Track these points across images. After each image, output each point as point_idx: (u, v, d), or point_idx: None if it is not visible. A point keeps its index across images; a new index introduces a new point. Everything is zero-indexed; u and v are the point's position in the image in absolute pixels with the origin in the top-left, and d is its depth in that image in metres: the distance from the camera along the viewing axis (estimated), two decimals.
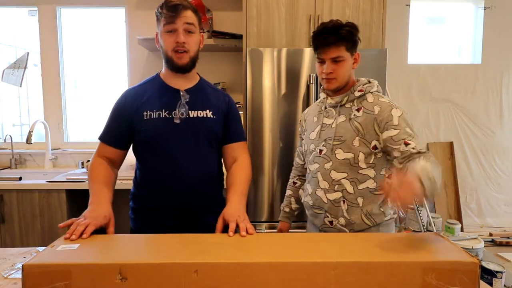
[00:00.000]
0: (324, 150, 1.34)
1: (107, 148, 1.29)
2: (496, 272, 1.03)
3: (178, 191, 1.25)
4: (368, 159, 1.28)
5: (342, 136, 1.30)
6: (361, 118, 1.28)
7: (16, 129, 3.15)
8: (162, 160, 1.25)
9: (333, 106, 1.36)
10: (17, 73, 2.92)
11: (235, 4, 2.76)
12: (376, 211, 1.31)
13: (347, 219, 1.31)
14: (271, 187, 2.23)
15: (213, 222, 1.28)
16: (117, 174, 1.32)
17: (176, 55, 1.23)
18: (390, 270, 0.79)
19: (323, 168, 1.34)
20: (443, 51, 3.40)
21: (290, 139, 2.20)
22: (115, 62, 2.99)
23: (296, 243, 0.92)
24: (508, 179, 3.42)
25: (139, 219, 1.32)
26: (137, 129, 1.25)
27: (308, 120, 1.48)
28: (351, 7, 2.29)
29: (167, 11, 1.19)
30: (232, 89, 2.87)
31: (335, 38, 1.24)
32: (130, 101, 1.27)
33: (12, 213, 2.24)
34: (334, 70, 1.28)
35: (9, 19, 2.98)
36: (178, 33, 1.20)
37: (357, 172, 1.29)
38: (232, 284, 0.78)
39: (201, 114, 1.28)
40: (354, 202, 1.30)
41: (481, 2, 3.23)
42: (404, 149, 1.20)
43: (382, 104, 1.27)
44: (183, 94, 1.28)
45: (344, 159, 1.30)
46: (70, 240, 0.93)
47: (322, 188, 1.34)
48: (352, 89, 1.32)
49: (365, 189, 1.30)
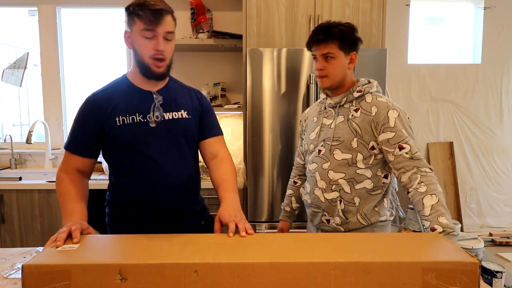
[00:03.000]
0: (322, 151, 1.35)
1: (74, 159, 1.20)
2: (496, 272, 1.03)
3: (161, 194, 1.21)
4: (367, 160, 1.29)
5: (340, 137, 1.31)
6: (359, 119, 1.29)
7: (16, 129, 3.15)
8: (142, 165, 1.19)
9: (332, 106, 1.37)
10: (17, 73, 2.92)
11: (235, 4, 2.76)
12: (372, 211, 1.32)
13: (342, 218, 1.33)
14: (271, 187, 2.23)
15: (196, 223, 1.30)
16: (87, 185, 1.24)
17: (155, 63, 1.15)
18: (390, 270, 0.79)
19: (321, 168, 1.35)
20: (443, 51, 3.40)
21: (290, 139, 2.20)
22: (115, 62, 2.99)
23: (296, 243, 0.92)
24: (508, 179, 3.42)
25: (118, 226, 1.27)
26: (110, 135, 1.18)
27: (308, 120, 1.49)
28: (351, 7, 2.29)
29: (150, 15, 1.10)
30: (232, 89, 2.87)
31: (326, 36, 1.27)
32: (99, 107, 1.18)
33: (12, 213, 2.24)
34: (325, 67, 1.30)
35: (9, 19, 2.98)
36: (158, 41, 1.12)
37: (355, 172, 1.30)
38: (232, 284, 0.78)
39: (176, 115, 1.23)
40: (350, 202, 1.32)
41: (481, 2, 3.23)
42: (398, 153, 1.22)
43: (379, 105, 1.28)
44: (156, 96, 1.22)
45: (342, 160, 1.31)
46: (56, 246, 0.89)
47: (320, 187, 1.36)
48: (351, 89, 1.33)
49: (362, 189, 1.31)
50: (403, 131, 1.24)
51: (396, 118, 1.25)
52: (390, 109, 1.26)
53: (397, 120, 1.24)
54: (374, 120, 1.27)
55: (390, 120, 1.25)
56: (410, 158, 1.20)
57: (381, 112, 1.26)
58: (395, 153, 1.23)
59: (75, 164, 1.21)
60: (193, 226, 1.31)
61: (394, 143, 1.23)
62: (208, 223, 1.35)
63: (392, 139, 1.24)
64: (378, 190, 1.32)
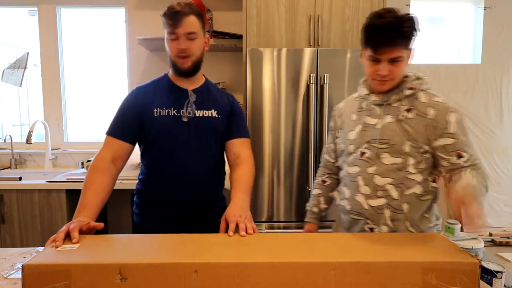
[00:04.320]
0: (367, 153, 1.22)
1: (114, 142, 1.27)
2: (496, 272, 1.03)
3: (184, 187, 1.29)
4: (418, 164, 1.18)
5: (390, 139, 1.18)
6: (414, 120, 1.16)
7: (16, 129, 3.15)
8: (170, 156, 1.29)
9: (378, 104, 1.22)
10: (17, 73, 2.92)
11: (235, 4, 2.76)
12: (421, 218, 1.22)
13: (390, 227, 1.21)
14: (271, 187, 2.23)
15: (215, 218, 1.33)
16: (115, 178, 1.26)
17: (180, 60, 1.27)
18: (390, 270, 0.79)
19: (365, 173, 1.22)
20: (443, 51, 3.40)
21: (290, 139, 2.20)
22: (115, 62, 2.99)
23: (296, 243, 0.92)
24: (508, 179, 3.42)
25: (145, 214, 1.35)
26: (147, 125, 1.29)
27: (344, 117, 1.34)
28: (351, 7, 2.29)
29: (169, 18, 1.23)
30: (232, 89, 2.87)
31: (397, 36, 1.09)
32: (142, 98, 1.31)
33: (12, 213, 2.24)
34: (391, 71, 1.13)
35: (9, 19, 2.98)
36: (179, 41, 1.24)
37: (405, 177, 1.18)
38: (232, 284, 0.79)
39: (207, 114, 1.33)
40: (398, 208, 1.19)
41: (481, 2, 3.23)
42: (455, 161, 1.12)
43: (438, 107, 1.15)
44: (191, 93, 1.33)
45: (391, 164, 1.18)
46: (55, 246, 0.89)
47: (363, 193, 1.22)
48: (401, 86, 1.19)
49: (412, 194, 1.19)
50: (463, 138, 1.13)
51: (456, 124, 1.13)
52: (450, 111, 1.14)
53: (457, 126, 1.13)
54: (431, 124, 1.14)
55: (450, 125, 1.13)
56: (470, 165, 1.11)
57: (441, 115, 1.14)
58: (452, 160, 1.13)
59: (113, 149, 1.26)
60: (210, 222, 1.35)
61: (452, 150, 1.13)
62: None
63: (450, 146, 1.13)
64: (428, 195, 1.22)
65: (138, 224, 1.37)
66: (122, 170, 1.30)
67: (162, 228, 1.25)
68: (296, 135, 2.19)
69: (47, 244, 0.92)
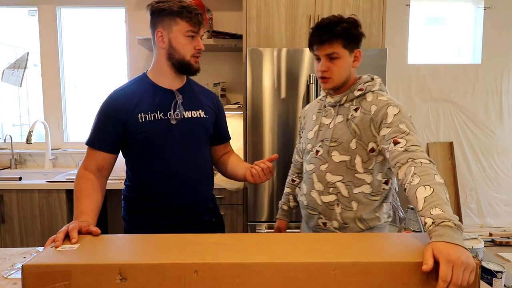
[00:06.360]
0: (320, 151, 1.30)
1: (96, 154, 1.22)
2: (496, 272, 1.03)
3: (180, 190, 1.26)
4: (366, 164, 1.23)
5: (339, 137, 1.25)
6: (358, 118, 1.22)
7: (16, 129, 3.15)
8: (162, 161, 1.24)
9: (332, 105, 1.30)
10: (17, 73, 2.92)
11: (235, 4, 2.76)
12: (371, 216, 1.27)
13: (340, 222, 1.28)
14: (271, 187, 2.23)
15: (208, 220, 1.35)
16: (105, 185, 1.25)
17: (195, 60, 1.25)
18: (390, 270, 0.79)
19: (319, 170, 1.30)
20: (443, 51, 3.40)
21: (290, 139, 2.20)
22: (115, 62, 2.99)
23: (296, 243, 0.92)
24: (508, 179, 3.42)
25: (136, 220, 1.31)
26: (132, 131, 1.22)
27: (307, 118, 1.44)
28: (351, 7, 2.29)
29: (196, 18, 1.20)
30: (232, 89, 2.87)
31: (330, 35, 1.19)
32: (122, 104, 1.22)
33: (12, 213, 2.24)
34: (329, 68, 1.22)
35: (9, 19, 2.98)
36: (198, 41, 1.23)
37: (353, 176, 1.25)
38: (232, 284, 0.78)
39: (195, 114, 1.30)
40: (348, 205, 1.26)
41: (481, 2, 3.23)
42: (393, 148, 1.10)
43: (379, 103, 1.20)
44: (177, 94, 1.27)
45: (340, 162, 1.25)
46: (55, 246, 0.89)
47: (317, 189, 1.31)
48: (352, 87, 1.26)
49: (360, 193, 1.25)
50: (401, 126, 1.12)
51: (395, 115, 1.15)
52: (390, 105, 1.18)
53: (396, 117, 1.15)
54: (373, 119, 1.19)
55: (388, 116, 1.16)
56: (405, 151, 1.07)
57: (381, 109, 1.18)
58: (390, 148, 1.11)
59: (97, 160, 1.22)
60: (205, 223, 1.35)
61: (389, 138, 1.13)
62: (218, 221, 1.43)
63: (387, 135, 1.13)
64: (377, 196, 1.27)
65: (129, 230, 1.32)
66: (109, 178, 1.28)
67: (153, 233, 1.22)
68: (296, 135, 2.19)
69: (47, 244, 0.92)
